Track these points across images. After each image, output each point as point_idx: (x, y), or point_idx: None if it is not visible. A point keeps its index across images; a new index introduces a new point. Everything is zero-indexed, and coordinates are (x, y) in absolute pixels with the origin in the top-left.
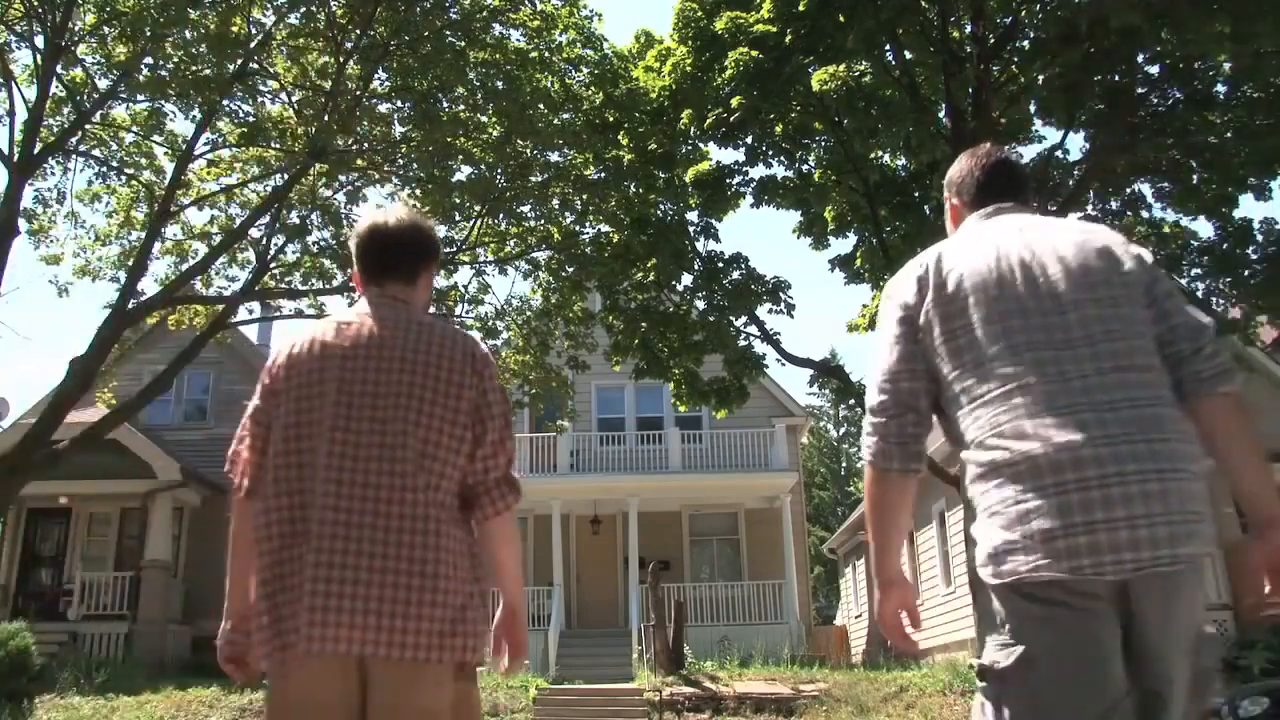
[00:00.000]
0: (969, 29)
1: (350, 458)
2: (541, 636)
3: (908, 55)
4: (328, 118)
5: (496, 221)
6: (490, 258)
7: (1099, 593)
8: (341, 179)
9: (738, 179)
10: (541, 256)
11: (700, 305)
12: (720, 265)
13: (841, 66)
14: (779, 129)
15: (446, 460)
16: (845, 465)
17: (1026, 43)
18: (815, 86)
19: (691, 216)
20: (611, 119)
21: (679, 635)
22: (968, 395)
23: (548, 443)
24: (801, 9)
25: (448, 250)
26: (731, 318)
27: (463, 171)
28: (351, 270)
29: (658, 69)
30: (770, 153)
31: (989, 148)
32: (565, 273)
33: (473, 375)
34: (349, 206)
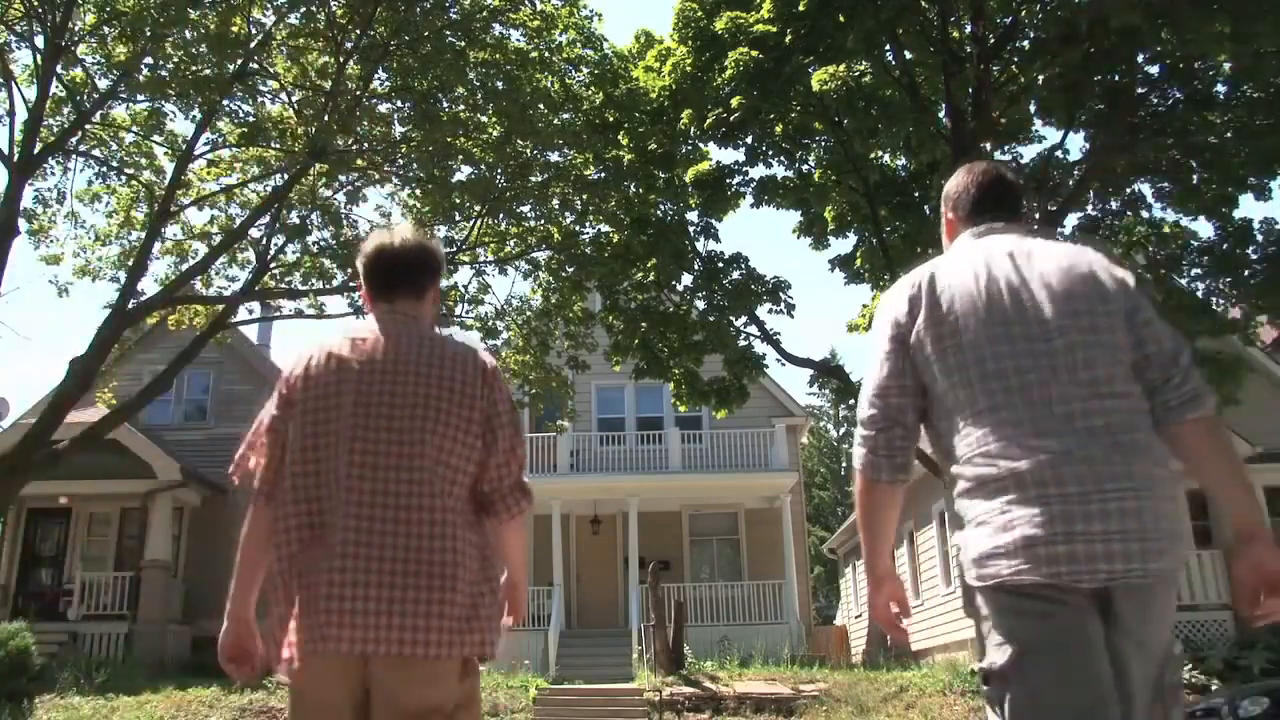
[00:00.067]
0: (969, 29)
1: (370, 466)
2: (541, 636)
3: (908, 55)
4: (328, 118)
5: (496, 221)
6: (490, 258)
7: (1083, 594)
8: (341, 179)
9: (738, 179)
10: (541, 256)
11: (700, 305)
12: (720, 265)
13: (841, 66)
14: (779, 129)
15: (459, 468)
16: (845, 465)
17: (1026, 43)
18: (815, 86)
19: (691, 216)
20: (611, 119)
21: (679, 635)
22: (957, 413)
23: (548, 443)
24: (801, 9)
25: (448, 250)
26: (731, 318)
27: (463, 171)
28: (351, 270)
29: (658, 69)
30: (770, 153)
31: (985, 165)
32: (565, 273)
33: (483, 387)
34: (349, 206)
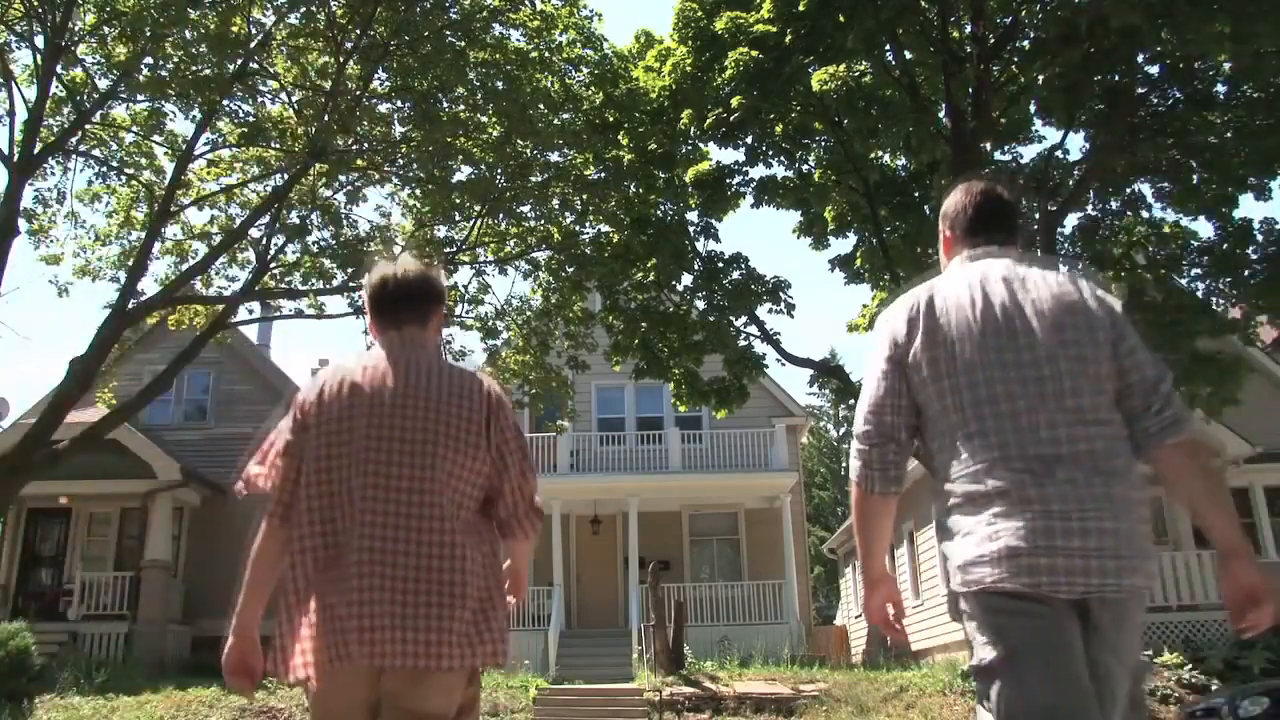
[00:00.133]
0: (969, 29)
1: (383, 489)
2: (541, 636)
3: (908, 55)
4: (328, 118)
5: (496, 221)
6: (490, 258)
7: (1062, 603)
8: (341, 179)
9: (738, 179)
10: (541, 256)
11: (700, 305)
12: (720, 265)
13: (841, 66)
14: (779, 129)
15: (467, 490)
16: (845, 465)
17: (1026, 43)
18: (815, 86)
19: (691, 216)
20: (611, 119)
21: (679, 635)
22: (949, 434)
23: (548, 443)
24: (801, 9)
25: (448, 251)
26: (731, 318)
27: (463, 171)
28: (351, 270)
29: (658, 69)
30: (770, 153)
31: (983, 184)
32: (565, 273)
33: (490, 414)
34: (349, 206)
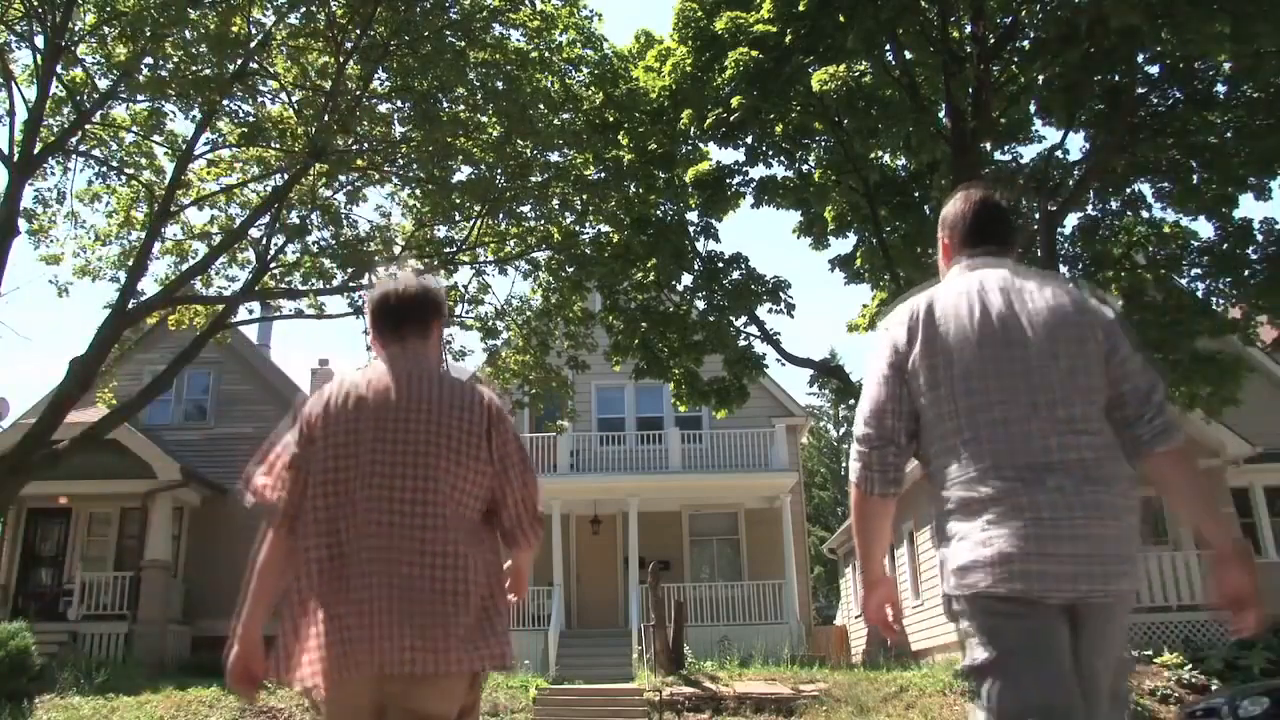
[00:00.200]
0: (969, 29)
1: (387, 500)
2: (541, 636)
3: (908, 55)
4: (328, 118)
5: (496, 221)
6: (490, 258)
7: (1052, 607)
8: (341, 179)
9: (738, 179)
10: (541, 256)
11: (700, 305)
12: (720, 265)
13: (841, 66)
14: (779, 129)
15: (469, 502)
16: (845, 465)
17: (1026, 43)
18: (815, 86)
19: (691, 216)
20: (611, 119)
21: (679, 635)
22: (944, 441)
23: (548, 443)
24: (801, 9)
25: (448, 250)
26: (731, 318)
27: (463, 171)
28: (351, 270)
29: (658, 69)
30: (770, 153)
31: (981, 193)
32: (565, 273)
33: (491, 425)
34: (349, 206)
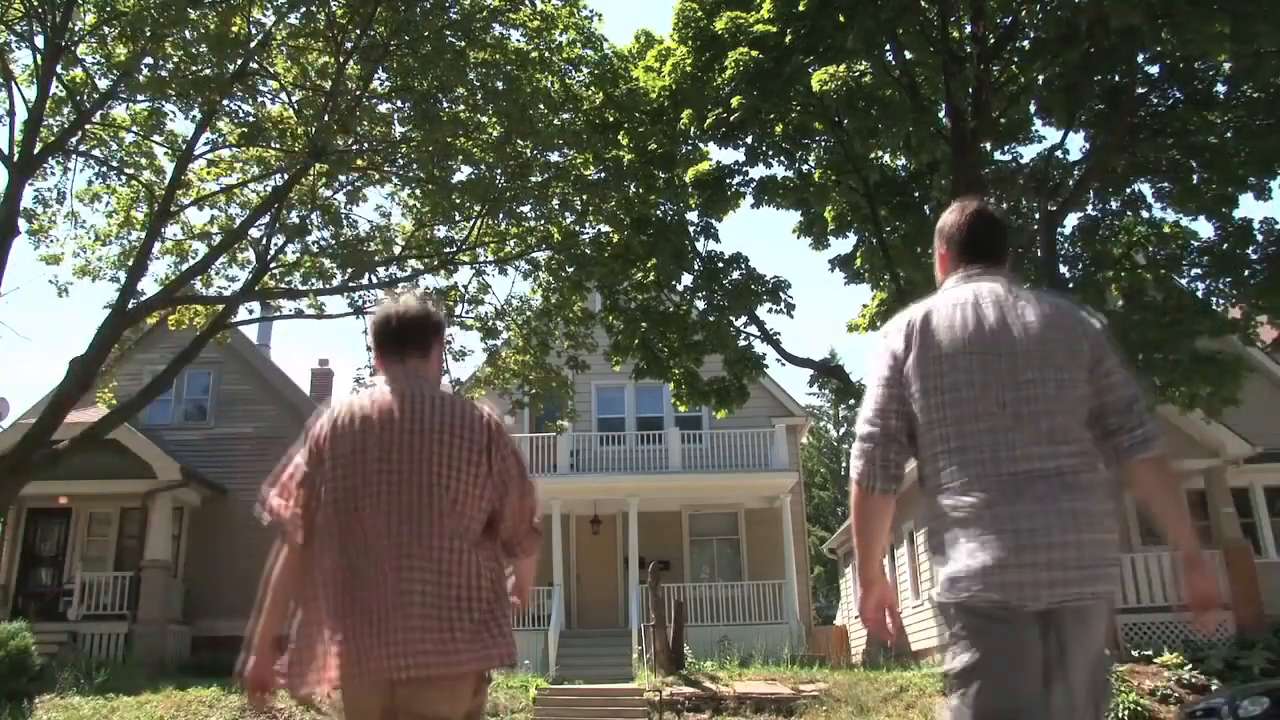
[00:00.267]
0: (969, 29)
1: (394, 514)
2: (541, 636)
3: (908, 55)
4: (328, 118)
5: (496, 221)
6: (490, 258)
7: (1029, 615)
8: (341, 179)
9: (738, 179)
10: (541, 256)
11: (700, 305)
12: (720, 265)
13: (841, 66)
14: (779, 129)
15: (472, 514)
16: (845, 465)
17: (1026, 43)
18: (815, 86)
19: (691, 216)
20: (611, 119)
21: (679, 635)
22: (935, 446)
23: (548, 443)
24: (801, 9)
25: (448, 250)
26: (731, 318)
27: (463, 171)
28: (351, 270)
29: (658, 69)
30: (770, 153)
31: (976, 206)
32: (565, 273)
33: (491, 440)
34: (349, 206)
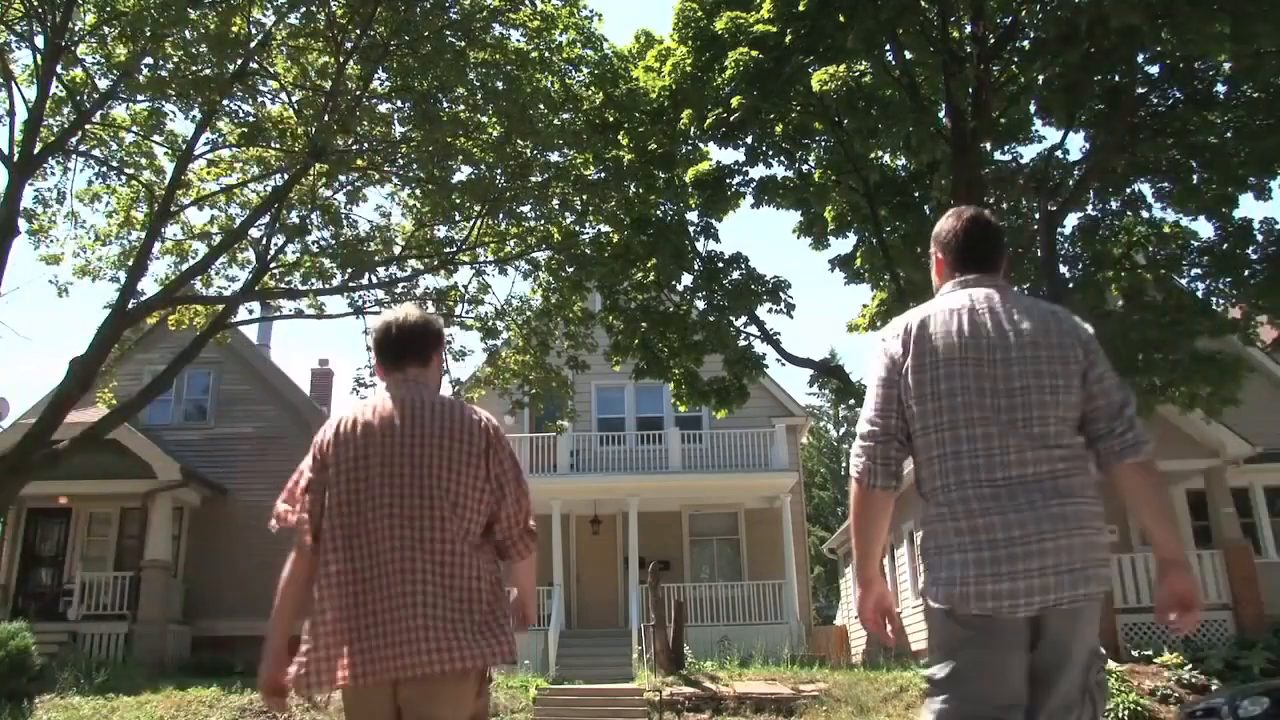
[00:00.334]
0: (969, 29)
1: (397, 518)
2: (541, 636)
3: (908, 55)
4: (328, 118)
5: (496, 221)
6: (490, 258)
7: (1015, 623)
8: (341, 179)
9: (738, 179)
10: (541, 256)
11: (700, 305)
12: (720, 265)
13: (841, 66)
14: (779, 129)
15: (472, 517)
16: (845, 465)
17: (1026, 43)
18: (815, 86)
19: (691, 216)
20: (611, 119)
21: (679, 635)
22: (929, 451)
23: (548, 443)
24: (801, 9)
25: (448, 250)
26: (731, 318)
27: (463, 171)
28: (351, 270)
29: (658, 69)
30: (770, 153)
31: (972, 212)
32: (565, 273)
33: (489, 445)
34: (349, 206)
